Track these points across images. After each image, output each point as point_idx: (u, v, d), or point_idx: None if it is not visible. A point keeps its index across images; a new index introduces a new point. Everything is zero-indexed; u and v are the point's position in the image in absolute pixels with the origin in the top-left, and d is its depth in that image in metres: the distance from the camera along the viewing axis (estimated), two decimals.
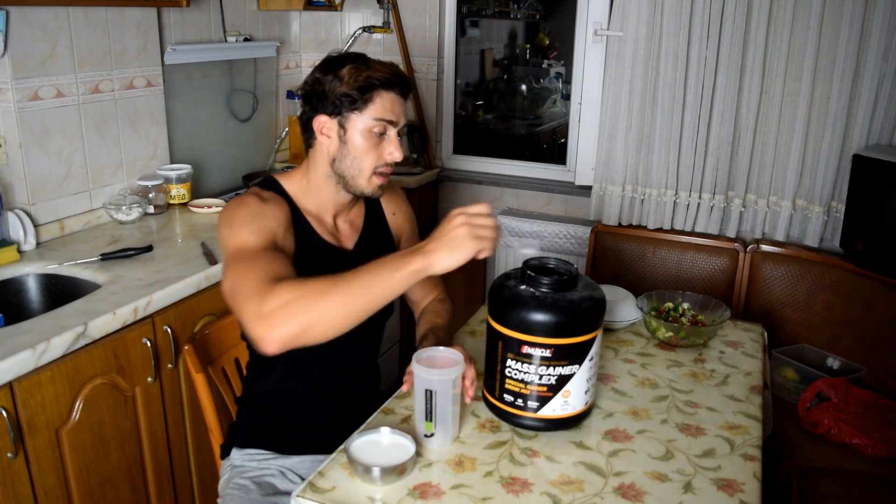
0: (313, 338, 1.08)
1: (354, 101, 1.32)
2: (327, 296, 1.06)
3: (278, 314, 1.05)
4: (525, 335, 1.20)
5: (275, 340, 1.06)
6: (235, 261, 1.19)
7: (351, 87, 1.31)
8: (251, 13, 2.78)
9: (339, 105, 1.33)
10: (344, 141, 1.35)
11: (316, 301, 1.06)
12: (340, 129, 1.35)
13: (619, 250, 2.67)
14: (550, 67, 4.67)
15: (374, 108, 1.33)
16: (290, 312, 1.05)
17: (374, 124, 1.34)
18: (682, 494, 1.13)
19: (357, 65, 1.33)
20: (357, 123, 1.34)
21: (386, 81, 1.33)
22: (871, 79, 2.27)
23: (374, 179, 1.38)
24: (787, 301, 2.45)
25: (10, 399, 1.39)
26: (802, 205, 2.49)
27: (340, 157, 1.36)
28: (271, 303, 1.06)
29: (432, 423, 1.21)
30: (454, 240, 1.10)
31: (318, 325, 1.07)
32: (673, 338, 1.65)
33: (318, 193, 1.42)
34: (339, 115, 1.34)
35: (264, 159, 2.99)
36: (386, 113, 1.34)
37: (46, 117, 1.96)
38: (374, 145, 1.35)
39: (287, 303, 1.06)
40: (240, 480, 1.42)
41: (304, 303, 1.06)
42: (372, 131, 1.34)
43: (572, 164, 2.95)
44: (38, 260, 1.87)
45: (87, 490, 1.58)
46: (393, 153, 1.36)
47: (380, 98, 1.33)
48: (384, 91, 1.33)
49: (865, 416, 2.02)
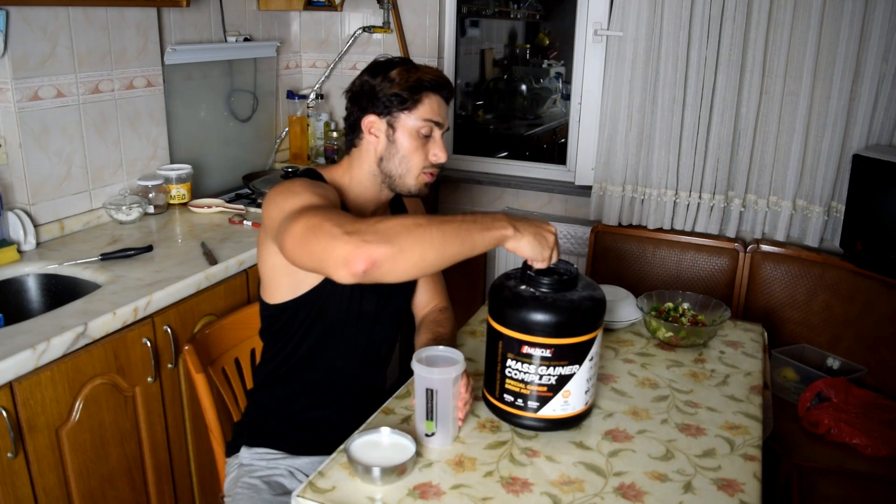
0: (399, 268, 1.04)
1: (405, 101, 1.36)
2: (422, 228, 1.06)
3: (373, 233, 1.04)
4: (525, 335, 1.20)
5: (365, 258, 1.01)
6: (307, 210, 1.15)
7: (402, 88, 1.36)
8: (251, 13, 2.78)
9: (388, 105, 1.37)
10: (392, 140, 1.39)
11: (411, 230, 1.05)
12: (389, 128, 1.39)
13: (619, 250, 2.67)
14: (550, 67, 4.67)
15: (423, 108, 1.38)
16: (386, 233, 1.04)
17: (422, 125, 1.38)
18: (682, 494, 1.13)
19: (407, 67, 1.39)
20: (406, 123, 1.38)
21: (434, 84, 1.38)
22: (871, 79, 2.27)
23: (422, 178, 1.43)
24: (787, 301, 2.45)
25: (10, 399, 1.39)
26: (802, 205, 2.49)
27: (388, 157, 1.40)
28: (363, 224, 1.05)
29: (433, 422, 1.21)
30: (543, 238, 1.17)
31: (409, 254, 1.05)
32: (673, 338, 1.65)
33: (361, 191, 1.45)
34: (388, 115, 1.38)
35: (264, 159, 2.99)
36: (433, 114, 1.39)
37: (46, 117, 1.96)
38: (420, 145, 1.40)
39: (381, 226, 1.05)
40: (249, 480, 1.42)
41: (401, 228, 1.05)
42: (419, 132, 1.39)
43: (572, 164, 2.95)
44: (38, 260, 1.87)
45: (87, 490, 1.58)
46: (438, 154, 1.41)
47: (428, 100, 1.38)
48: (432, 93, 1.38)
49: (865, 416, 2.02)
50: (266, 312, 1.45)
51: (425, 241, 1.06)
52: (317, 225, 1.08)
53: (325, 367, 1.47)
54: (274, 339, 1.47)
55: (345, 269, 1.03)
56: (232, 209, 2.35)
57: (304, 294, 1.39)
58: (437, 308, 1.63)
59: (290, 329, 1.43)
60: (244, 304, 1.84)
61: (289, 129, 3.05)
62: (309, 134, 3.07)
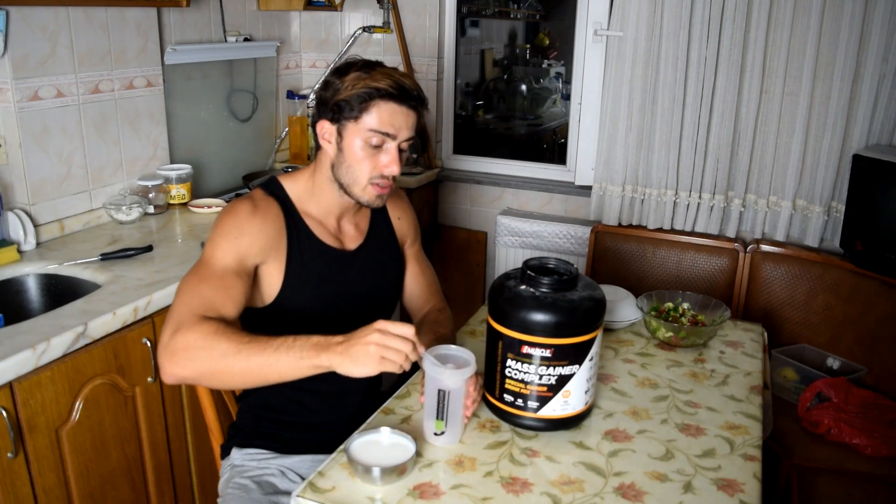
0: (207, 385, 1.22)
1: (351, 109, 1.31)
2: (228, 359, 1.14)
3: (181, 355, 1.16)
4: (525, 335, 1.20)
5: (170, 376, 1.18)
6: (193, 273, 1.29)
7: (349, 95, 1.30)
8: (251, 13, 2.78)
9: (337, 112, 1.33)
10: (341, 148, 1.35)
11: (217, 359, 1.15)
12: (338, 136, 1.35)
13: (619, 250, 2.67)
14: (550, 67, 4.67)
15: (370, 118, 1.31)
16: (191, 358, 1.16)
17: (370, 135, 1.32)
18: (682, 494, 1.13)
19: (361, 73, 1.32)
20: (353, 133, 1.33)
21: (385, 92, 1.30)
22: (871, 79, 2.27)
23: (370, 189, 1.37)
24: (787, 301, 2.45)
25: (10, 399, 1.39)
26: (802, 205, 2.49)
27: (338, 164, 1.37)
28: (180, 341, 1.16)
29: (443, 422, 1.21)
30: (360, 355, 1.11)
31: (211, 380, 1.21)
32: (673, 338, 1.65)
33: (322, 196, 1.42)
34: (337, 123, 1.34)
35: (264, 159, 2.99)
36: (383, 125, 1.31)
37: (46, 117, 1.96)
38: (368, 156, 1.34)
39: (192, 348, 1.15)
40: (240, 480, 1.42)
41: (206, 355, 1.15)
42: (367, 142, 1.33)
43: (572, 164, 2.95)
44: (38, 260, 1.87)
45: (87, 490, 1.58)
46: (388, 166, 1.35)
47: (377, 109, 1.30)
48: (383, 102, 1.30)
49: (865, 416, 2.01)
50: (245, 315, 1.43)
51: (232, 370, 1.15)
52: (170, 310, 1.23)
53: None
54: None
55: (161, 376, 1.20)
56: None
57: (275, 300, 1.38)
58: (435, 308, 1.62)
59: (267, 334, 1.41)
60: None
61: (289, 129, 3.05)
62: (309, 134, 3.06)
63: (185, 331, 1.17)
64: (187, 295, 1.24)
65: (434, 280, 1.67)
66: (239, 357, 1.14)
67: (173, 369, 1.17)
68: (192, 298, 1.23)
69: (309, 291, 1.40)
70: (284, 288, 1.38)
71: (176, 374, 1.17)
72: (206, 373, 1.17)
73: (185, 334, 1.16)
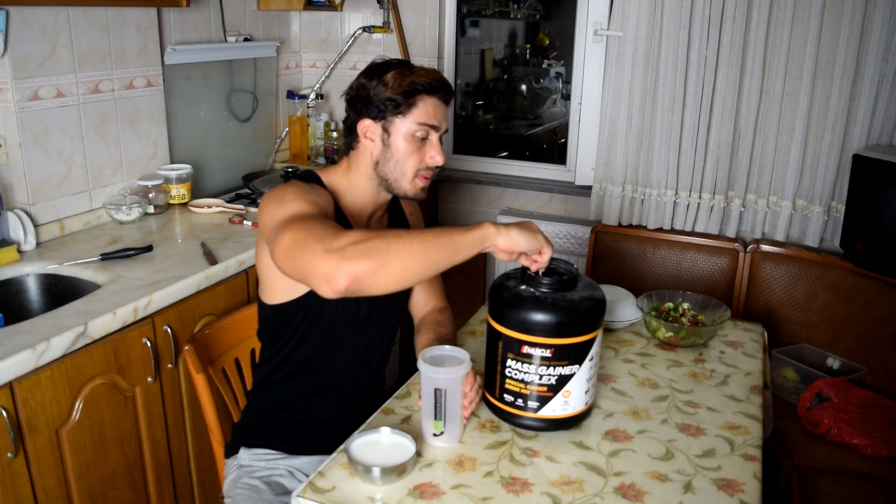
0: (382, 281, 1.06)
1: (398, 105, 1.35)
2: (402, 240, 1.07)
3: (353, 249, 1.05)
4: (525, 335, 1.20)
5: (346, 275, 1.03)
6: (295, 220, 1.16)
7: (395, 92, 1.35)
8: (251, 13, 2.78)
9: (383, 109, 1.36)
10: (387, 144, 1.39)
11: (391, 242, 1.06)
12: (384, 132, 1.38)
13: (619, 250, 2.67)
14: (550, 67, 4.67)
15: (418, 112, 1.36)
16: (366, 249, 1.05)
17: (417, 128, 1.37)
18: (682, 494, 1.13)
19: (401, 70, 1.37)
20: (400, 127, 1.37)
21: (429, 87, 1.36)
22: (871, 79, 2.27)
23: (417, 181, 1.42)
24: (787, 301, 2.45)
25: (10, 399, 1.39)
26: (802, 205, 2.49)
27: (384, 160, 1.40)
28: (345, 240, 1.06)
29: (441, 421, 1.21)
30: (530, 230, 1.19)
31: (390, 267, 1.06)
32: (673, 338, 1.65)
33: (359, 194, 1.45)
34: (383, 119, 1.37)
35: (264, 159, 2.99)
36: (429, 118, 1.37)
37: (46, 117, 1.96)
38: (416, 149, 1.39)
39: (362, 240, 1.06)
40: (249, 480, 1.42)
41: (381, 242, 1.06)
42: (414, 135, 1.37)
43: (572, 164, 2.95)
44: (38, 260, 1.87)
45: (87, 490, 1.58)
46: (434, 157, 1.40)
47: (423, 103, 1.37)
48: (427, 96, 1.37)
49: (865, 416, 2.02)
50: (264, 313, 1.45)
51: (406, 253, 1.07)
52: (301, 240, 1.09)
53: (323, 368, 1.47)
54: (272, 340, 1.47)
55: (327, 286, 1.05)
56: (232, 209, 2.35)
57: (301, 296, 1.39)
58: (436, 308, 1.62)
59: (288, 330, 1.43)
60: (244, 304, 1.84)
61: (289, 129, 3.05)
62: (309, 134, 3.07)
63: (343, 235, 1.08)
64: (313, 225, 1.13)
65: (436, 280, 1.68)
66: (412, 237, 1.09)
67: (348, 265, 1.03)
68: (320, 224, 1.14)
69: None
70: None
71: (351, 270, 1.03)
72: (383, 260, 1.05)
73: (345, 236, 1.07)
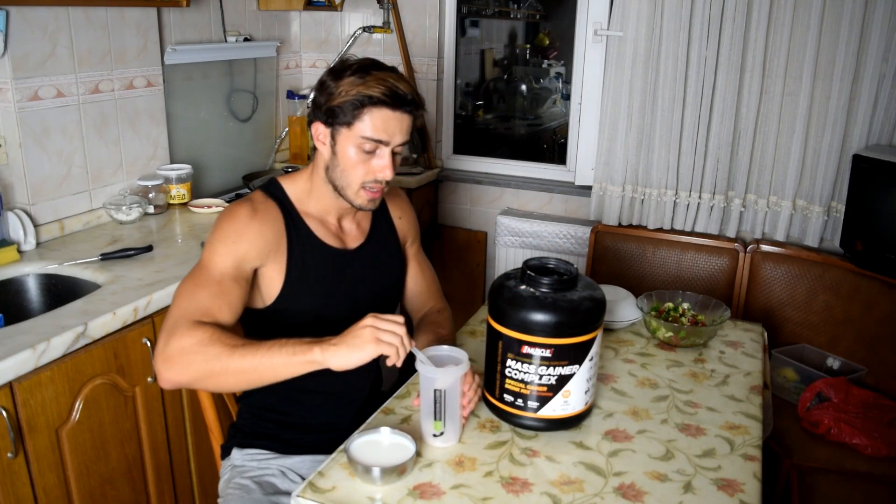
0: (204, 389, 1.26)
1: (344, 115, 1.30)
2: (223, 360, 1.16)
3: (176, 360, 1.17)
4: (525, 335, 1.20)
5: (167, 381, 1.20)
6: (190, 278, 1.29)
7: (341, 101, 1.29)
8: (251, 13, 2.78)
9: (331, 116, 1.32)
10: (335, 152, 1.35)
11: (212, 361, 1.16)
12: (332, 139, 1.34)
13: (619, 250, 2.67)
14: (550, 67, 4.67)
15: (363, 125, 1.30)
16: (186, 363, 1.17)
17: (363, 142, 1.31)
18: (682, 494, 1.13)
19: (358, 76, 1.30)
20: (346, 138, 1.32)
21: (378, 99, 1.28)
22: (871, 79, 2.27)
23: (362, 193, 1.37)
24: (787, 301, 2.45)
25: (10, 399, 1.39)
26: (802, 205, 2.49)
27: (332, 167, 1.37)
28: (174, 346, 1.18)
29: (441, 422, 1.21)
30: (357, 339, 1.15)
31: (207, 383, 1.23)
32: (673, 338, 1.65)
33: (320, 196, 1.42)
34: (331, 126, 1.33)
35: (264, 159, 2.99)
36: (376, 132, 1.30)
37: (46, 117, 1.96)
38: (362, 161, 1.33)
39: (187, 353, 1.17)
40: (240, 480, 1.42)
41: (201, 359, 1.16)
42: (361, 148, 1.32)
43: (572, 164, 2.95)
44: (38, 260, 1.87)
45: (87, 490, 1.58)
46: (383, 171, 1.34)
47: (370, 116, 1.29)
48: (376, 109, 1.29)
49: (865, 416, 2.01)
50: (245, 316, 1.43)
51: (226, 372, 1.17)
52: (168, 314, 1.24)
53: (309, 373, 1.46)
54: None
55: (159, 380, 1.21)
56: None
57: (274, 301, 1.38)
58: (435, 309, 1.62)
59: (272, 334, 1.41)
60: None
61: (289, 129, 3.05)
62: (308, 134, 3.06)
63: (180, 336, 1.18)
64: (184, 300, 1.25)
65: (434, 280, 1.67)
66: (233, 358, 1.16)
67: (169, 375, 1.18)
68: (189, 304, 1.24)
69: (310, 291, 1.40)
70: (285, 289, 1.38)
71: (172, 379, 1.19)
72: (201, 376, 1.18)
73: (180, 339, 1.18)
